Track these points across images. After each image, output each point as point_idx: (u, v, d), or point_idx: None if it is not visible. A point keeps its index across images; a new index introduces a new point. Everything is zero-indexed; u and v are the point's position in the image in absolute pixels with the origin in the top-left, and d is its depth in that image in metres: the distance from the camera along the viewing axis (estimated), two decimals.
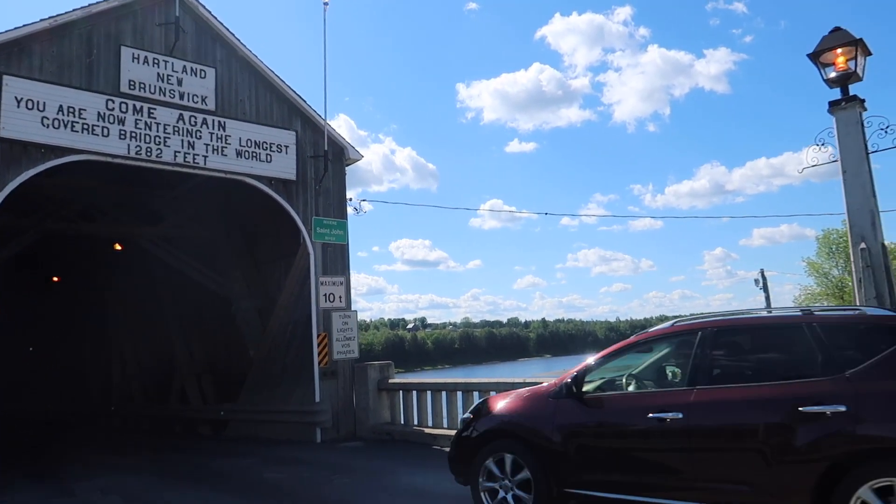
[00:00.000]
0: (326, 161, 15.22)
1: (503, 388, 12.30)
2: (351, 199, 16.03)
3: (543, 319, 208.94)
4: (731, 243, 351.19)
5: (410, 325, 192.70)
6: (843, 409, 4.90)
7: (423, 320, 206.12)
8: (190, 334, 20.97)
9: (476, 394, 12.77)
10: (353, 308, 15.51)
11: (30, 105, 11.43)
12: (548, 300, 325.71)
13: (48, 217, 16.89)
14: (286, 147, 14.72)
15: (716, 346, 5.87)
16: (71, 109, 11.83)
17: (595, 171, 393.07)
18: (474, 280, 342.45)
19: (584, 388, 6.46)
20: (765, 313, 6.32)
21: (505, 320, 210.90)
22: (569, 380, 6.56)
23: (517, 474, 6.55)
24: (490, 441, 6.89)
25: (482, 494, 6.78)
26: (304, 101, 15.13)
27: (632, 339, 6.78)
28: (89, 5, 12.28)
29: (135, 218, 18.88)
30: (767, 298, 40.23)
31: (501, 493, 6.66)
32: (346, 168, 16.06)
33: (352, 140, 16.28)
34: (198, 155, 13.32)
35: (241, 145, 13.97)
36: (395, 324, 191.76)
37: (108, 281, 24.18)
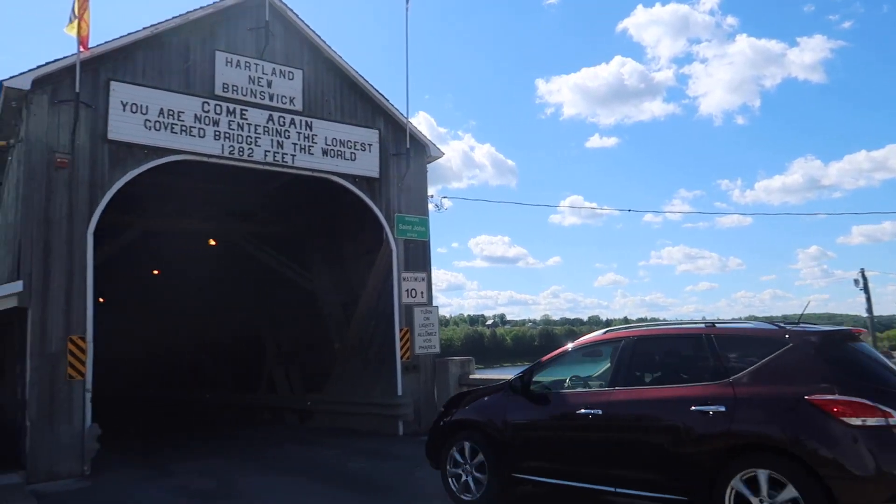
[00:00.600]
0: (408, 159, 15.43)
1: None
2: (432, 196, 16.23)
3: (625, 318, 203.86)
4: (827, 241, 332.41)
5: (490, 322, 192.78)
6: (722, 409, 5.82)
7: (502, 317, 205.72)
8: (278, 326, 21.76)
9: None
10: (434, 303, 15.68)
11: (134, 108, 12.16)
12: (630, 298, 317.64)
13: (149, 214, 17.91)
14: (369, 145, 15.03)
15: (633, 353, 6.83)
16: (170, 112, 12.50)
17: (679, 167, 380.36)
18: (554, 277, 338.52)
19: (532, 387, 7.48)
20: (677, 326, 7.22)
21: (585, 318, 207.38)
22: (516, 379, 7.64)
23: (474, 459, 7.68)
24: (456, 432, 8.00)
25: (450, 479, 7.92)
26: (387, 100, 15.39)
27: (570, 344, 7.83)
28: (186, 13, 12.93)
29: (227, 215, 19.75)
30: (868, 300, 37.94)
31: (464, 477, 7.78)
32: (428, 165, 16.24)
33: (432, 137, 16.48)
34: (286, 154, 13.80)
35: (326, 144, 14.37)
36: (475, 320, 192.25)
37: (202, 275, 25.42)
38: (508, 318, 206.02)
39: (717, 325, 6.56)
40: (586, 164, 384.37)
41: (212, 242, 21.87)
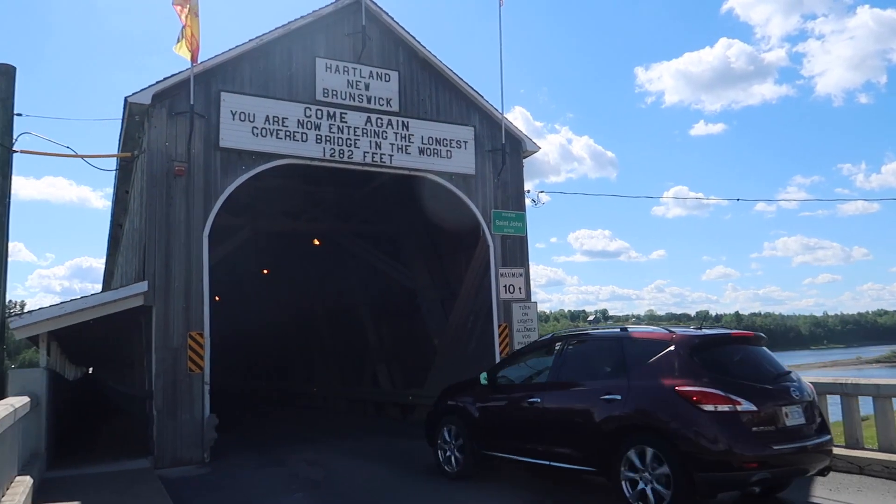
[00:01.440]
0: (504, 154, 15.41)
1: None
2: (529, 191, 16.11)
3: (737, 313, 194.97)
4: None
5: (591, 317, 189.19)
6: (619, 398, 7.34)
7: (604, 312, 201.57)
8: (379, 322, 22.33)
9: None
10: (532, 299, 15.59)
11: (242, 117, 12.85)
12: (741, 292, 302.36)
13: (257, 216, 18.84)
14: (465, 142, 15.13)
15: (565, 352, 8.60)
16: (275, 118, 13.11)
17: (795, 152, 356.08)
18: (658, 271, 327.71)
19: (499, 380, 9.35)
20: (599, 330, 8.92)
21: (693, 313, 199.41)
22: (484, 373, 9.59)
23: (457, 441, 9.60)
24: (444, 416, 9.99)
25: (439, 455, 9.93)
26: (482, 97, 15.43)
27: (528, 345, 10.27)
28: (288, 23, 13.50)
29: (329, 215, 20.46)
30: None
31: (448, 454, 9.73)
32: (524, 160, 16.15)
33: (528, 132, 16.32)
34: (384, 154, 14.13)
35: (422, 143, 14.59)
36: (576, 315, 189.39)
37: (308, 273, 26.49)
38: (611, 313, 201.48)
39: (627, 329, 8.16)
40: (691, 153, 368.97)
41: (316, 242, 22.73)
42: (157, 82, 12.17)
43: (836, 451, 8.90)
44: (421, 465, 10.87)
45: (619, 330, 8.22)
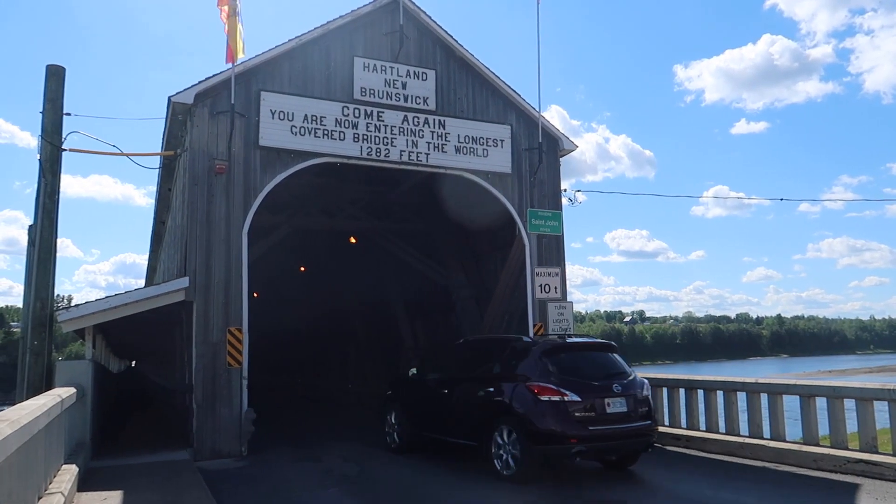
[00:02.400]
0: (541, 153, 15.32)
1: (731, 387, 11.52)
2: (565, 190, 15.98)
3: (779, 316, 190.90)
4: None
5: (628, 318, 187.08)
6: (492, 390, 9.70)
7: (640, 313, 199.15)
8: (414, 320, 22.41)
9: (701, 392, 12.08)
10: (568, 299, 15.47)
11: (281, 116, 13.02)
12: (784, 295, 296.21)
13: (294, 214, 19.07)
14: (501, 141, 15.08)
15: (465, 352, 11.56)
16: (314, 117, 13.26)
17: (841, 151, 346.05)
18: (697, 272, 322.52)
19: (426, 375, 11.81)
20: (493, 336, 12.87)
21: (733, 315, 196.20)
22: (413, 367, 12.52)
23: (398, 424, 12.00)
24: (388, 404, 12.53)
25: (386, 435, 12.33)
26: (519, 95, 15.35)
27: (448, 345, 13.06)
28: (327, 23, 13.64)
29: (365, 213, 20.59)
30: None
31: (392, 434, 12.16)
32: (560, 159, 16.02)
33: (564, 130, 16.16)
34: (420, 153, 14.18)
35: (459, 142, 14.59)
36: (612, 316, 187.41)
37: (344, 270, 26.71)
38: (647, 314, 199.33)
39: (507, 335, 11.28)
40: (731, 153, 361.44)
41: (352, 240, 22.89)
42: (199, 82, 12.41)
43: (883, 459, 8.71)
44: (454, 463, 10.88)
45: (504, 336, 11.90)
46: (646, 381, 9.98)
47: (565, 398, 8.91)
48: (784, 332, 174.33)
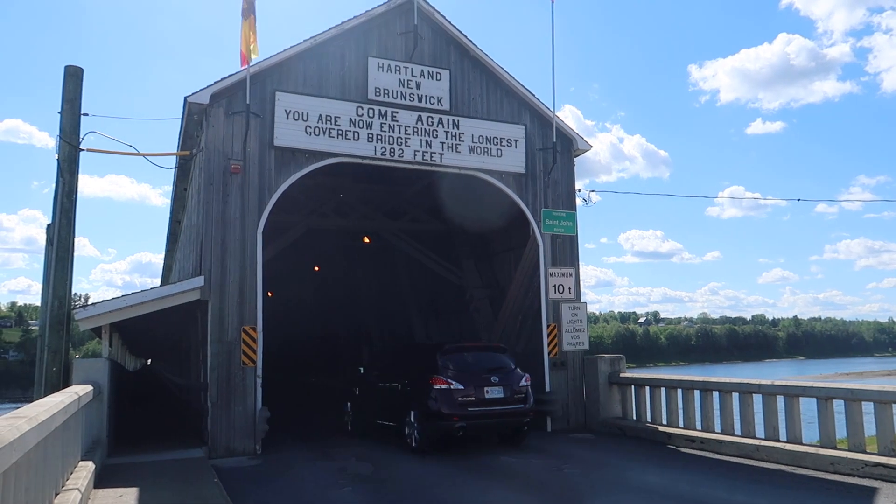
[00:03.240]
0: (555, 153, 15.27)
1: (747, 388, 11.42)
2: (580, 191, 15.93)
3: (795, 317, 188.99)
4: None
5: (642, 319, 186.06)
6: (406, 382, 12.61)
7: (655, 314, 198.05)
8: (428, 320, 22.43)
9: (716, 394, 11.98)
10: (582, 300, 15.40)
11: (296, 116, 13.07)
12: (800, 296, 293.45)
13: (309, 213, 19.14)
14: (516, 141, 15.05)
15: (395, 354, 15.54)
16: (328, 117, 13.30)
17: (859, 151, 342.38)
18: (712, 273, 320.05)
19: (368, 372, 15.05)
20: (416, 343, 19.43)
21: (749, 317, 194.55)
22: (362, 366, 16.16)
23: (350, 412, 14.83)
24: (345, 396, 15.35)
25: (345, 422, 14.96)
26: (533, 95, 15.31)
27: (390, 347, 19.32)
28: (341, 23, 13.67)
29: (379, 213, 20.63)
30: None
31: (346, 422, 14.91)
32: (575, 159, 15.96)
33: (578, 130, 16.08)
34: (434, 153, 14.18)
35: (473, 142, 14.58)
36: (626, 317, 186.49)
37: (358, 269, 26.78)
38: (662, 315, 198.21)
39: (423, 343, 16.02)
40: (747, 153, 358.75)
41: (366, 240, 22.95)
42: (215, 82, 12.48)
43: None
44: (467, 462, 10.88)
45: (417, 343, 16.44)
46: (526, 374, 12.52)
47: (451, 386, 11.63)
48: (800, 334, 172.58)
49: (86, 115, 12.39)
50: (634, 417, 13.75)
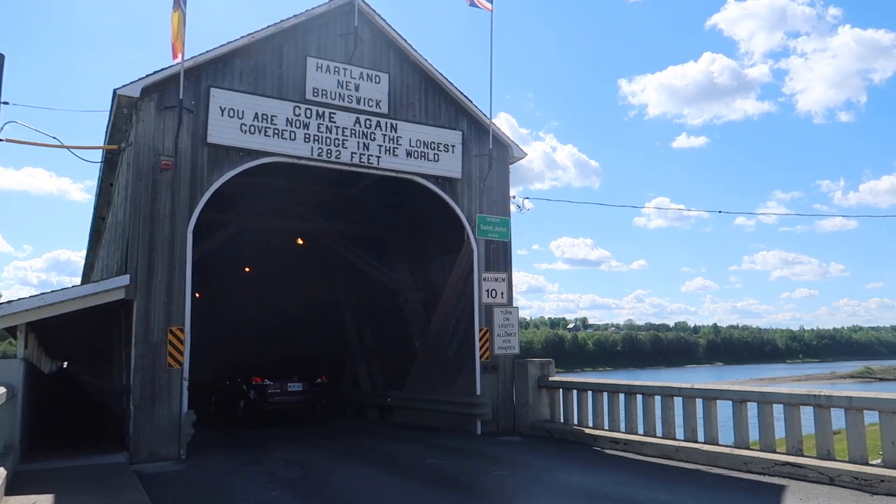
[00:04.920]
0: (491, 160, 15.51)
1: (668, 392, 11.90)
2: (514, 197, 16.22)
3: (715, 325, 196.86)
4: None
5: (571, 325, 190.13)
6: (239, 380, 19.06)
7: (583, 320, 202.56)
8: (361, 323, 22.32)
9: (640, 397, 12.43)
10: (514, 305, 15.69)
11: (231, 113, 12.83)
12: (720, 304, 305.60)
13: (242, 213, 18.79)
14: (453, 146, 15.22)
15: (239, 364, 20.68)
16: (264, 116, 13.11)
17: (775, 167, 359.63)
18: (638, 281, 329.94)
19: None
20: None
21: (672, 324, 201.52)
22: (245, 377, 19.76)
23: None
24: (239, 393, 19.04)
25: (238, 414, 18.81)
26: (471, 102, 15.52)
27: (233, 361, 22.10)
28: (280, 21, 13.52)
29: (315, 214, 20.44)
30: None
31: (240, 414, 18.63)
32: (510, 166, 16.26)
33: (514, 138, 16.40)
34: (372, 156, 14.18)
35: (410, 146, 14.66)
36: (556, 323, 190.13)
37: (292, 272, 26.40)
38: (590, 321, 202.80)
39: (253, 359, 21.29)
40: (673, 165, 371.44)
41: (300, 241, 22.67)
42: (147, 76, 12.13)
43: (807, 462, 9.18)
44: (395, 465, 10.92)
45: (248, 359, 21.66)
46: (322, 375, 19.06)
47: (264, 382, 18.03)
48: (719, 341, 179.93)
49: (6, 103, 11.81)
50: (562, 420, 14.09)
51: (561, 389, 14.23)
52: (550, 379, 14.52)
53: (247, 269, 29.22)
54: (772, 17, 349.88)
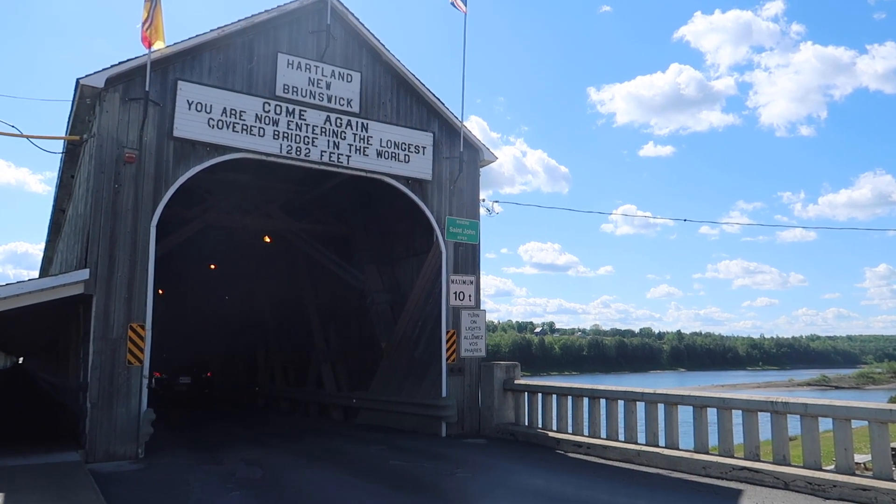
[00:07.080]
0: (461, 162, 15.53)
1: (631, 397, 12.03)
2: (483, 200, 16.27)
3: (679, 331, 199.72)
4: None
5: (538, 329, 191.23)
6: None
7: (550, 325, 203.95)
8: (327, 323, 22.15)
9: (603, 401, 12.54)
10: (481, 308, 15.72)
11: (199, 108, 12.62)
12: (684, 311, 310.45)
13: (208, 209, 18.49)
14: (423, 148, 15.19)
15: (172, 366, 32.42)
16: (233, 111, 12.92)
17: (738, 178, 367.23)
18: (605, 287, 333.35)
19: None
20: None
21: (637, 330, 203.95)
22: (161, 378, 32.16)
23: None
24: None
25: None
26: (442, 104, 15.52)
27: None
28: (252, 16, 13.35)
29: (283, 212, 20.23)
30: None
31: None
32: (480, 169, 16.29)
33: (485, 142, 16.46)
34: (342, 155, 14.08)
35: (381, 146, 14.60)
36: (523, 327, 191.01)
37: (258, 270, 26.09)
38: (557, 326, 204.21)
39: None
40: (640, 174, 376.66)
41: (266, 239, 22.42)
42: (112, 66, 11.86)
43: (763, 467, 9.29)
44: (358, 467, 10.84)
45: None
46: (209, 371, 30.22)
47: (163, 376, 28.92)
48: (683, 347, 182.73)
49: None
50: (526, 423, 14.15)
51: (526, 393, 14.29)
52: (516, 382, 14.57)
53: (212, 267, 28.81)
54: (738, 31, 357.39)
